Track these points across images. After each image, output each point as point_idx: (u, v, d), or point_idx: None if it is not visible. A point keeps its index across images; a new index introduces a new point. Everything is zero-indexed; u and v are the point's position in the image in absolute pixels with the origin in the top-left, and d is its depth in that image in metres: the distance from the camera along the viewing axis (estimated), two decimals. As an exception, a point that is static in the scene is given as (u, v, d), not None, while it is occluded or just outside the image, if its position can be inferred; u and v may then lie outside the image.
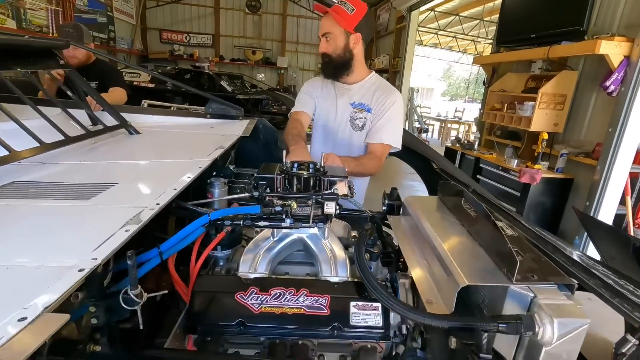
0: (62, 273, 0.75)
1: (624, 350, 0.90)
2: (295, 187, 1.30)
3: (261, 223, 1.21)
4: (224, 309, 1.13)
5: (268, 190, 1.27)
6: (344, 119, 2.16)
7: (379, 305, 1.15)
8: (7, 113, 1.52)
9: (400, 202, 1.75)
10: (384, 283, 1.34)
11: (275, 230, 1.31)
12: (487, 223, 1.10)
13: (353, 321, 1.12)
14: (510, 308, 0.96)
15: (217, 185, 1.72)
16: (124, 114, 2.34)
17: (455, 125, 13.43)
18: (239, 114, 2.74)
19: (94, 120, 2.24)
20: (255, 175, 1.28)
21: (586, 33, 3.88)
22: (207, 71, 8.97)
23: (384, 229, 1.66)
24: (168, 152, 1.91)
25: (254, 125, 2.68)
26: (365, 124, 2.12)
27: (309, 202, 1.27)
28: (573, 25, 3.97)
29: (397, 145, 2.15)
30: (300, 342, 1.16)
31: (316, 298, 1.15)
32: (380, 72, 11.98)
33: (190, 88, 2.70)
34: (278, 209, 1.19)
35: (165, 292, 0.94)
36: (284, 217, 1.23)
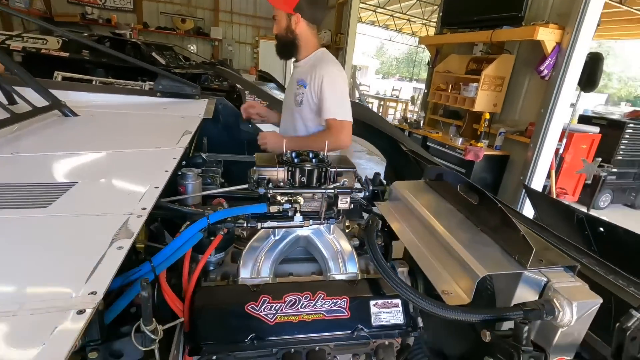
0: (54, 320, 0.55)
1: (629, 324, 0.97)
2: (298, 180, 1.17)
3: (268, 223, 1.07)
4: (233, 323, 0.99)
5: (270, 185, 1.12)
6: (291, 96, 2.22)
7: (398, 301, 1.11)
8: None
9: (384, 187, 1.71)
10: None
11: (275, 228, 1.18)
12: (494, 210, 1.10)
13: (375, 321, 1.07)
14: (522, 294, 0.97)
15: (190, 177, 1.50)
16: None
17: (393, 104, 13.94)
18: (195, 92, 2.44)
19: (11, 99, 1.80)
20: (255, 168, 1.12)
21: (523, 19, 4.17)
22: (134, 40, 7.90)
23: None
24: (124, 140, 1.61)
25: (214, 105, 2.41)
26: (303, 99, 2.13)
27: (315, 196, 1.15)
28: (512, 10, 4.23)
29: (341, 116, 2.08)
30: (316, 347, 1.08)
31: (335, 301, 1.06)
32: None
33: (139, 62, 2.31)
34: (287, 206, 1.06)
35: (182, 320, 0.78)
36: (291, 214, 1.10)
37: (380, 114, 13.81)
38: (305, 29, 2.05)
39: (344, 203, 1.11)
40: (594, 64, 4.02)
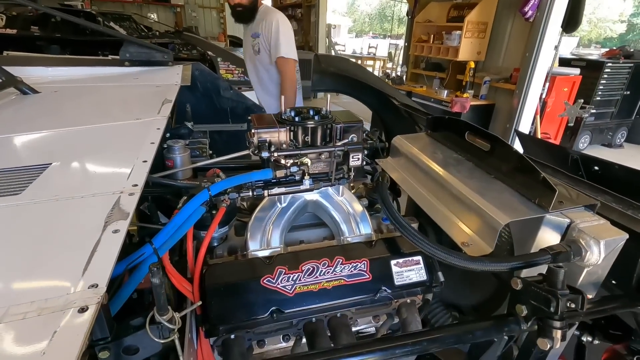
0: (52, 323, 0.45)
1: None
2: (302, 140, 1.06)
3: (276, 190, 0.97)
4: (251, 299, 0.92)
5: (273, 148, 1.01)
6: (249, 49, 2.77)
7: (419, 258, 1.05)
8: None
9: (384, 143, 1.63)
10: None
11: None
12: (509, 154, 1.04)
13: (398, 281, 1.01)
14: (545, 237, 0.93)
15: (178, 149, 1.37)
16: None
17: (371, 62, 13.57)
18: (167, 58, 2.22)
19: (-41, 80, 1.57)
20: (254, 130, 1.00)
21: (505, -43, 3.98)
22: (87, 10, 7.18)
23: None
24: (98, 114, 1.44)
25: (190, 71, 2.21)
26: (260, 48, 2.66)
27: (322, 156, 1.05)
28: (493, -52, 4.01)
29: (291, 55, 2.61)
30: (338, 314, 1.03)
31: (355, 264, 1.00)
32: (293, 7, 11.14)
33: (99, 27, 2.05)
34: (294, 169, 0.96)
35: (199, 303, 0.69)
36: (298, 178, 1.01)
37: (358, 73, 13.47)
38: None
39: (356, 160, 1.02)
40: (576, 1, 3.91)
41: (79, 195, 0.78)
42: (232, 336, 0.95)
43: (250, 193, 0.97)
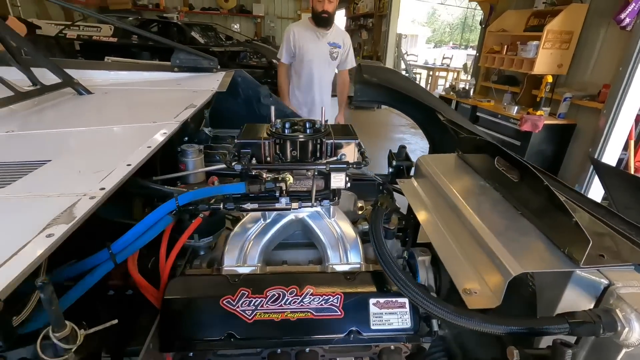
0: None
1: None
2: (289, 154, 0.99)
3: (248, 205, 0.91)
4: (206, 319, 0.87)
5: (254, 160, 0.96)
6: (325, 54, 3.25)
7: (405, 300, 0.91)
8: None
9: (410, 162, 1.48)
10: (400, 260, 1.10)
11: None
12: (539, 188, 0.85)
13: (374, 324, 0.88)
14: (573, 298, 0.73)
15: (191, 153, 1.39)
16: (72, 71, 1.91)
17: (444, 73, 12.91)
18: (212, 65, 2.32)
19: (33, 81, 1.80)
20: (236, 140, 0.96)
21: (600, -42, 3.45)
22: (176, 21, 8.04)
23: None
24: (124, 116, 1.54)
25: (231, 78, 2.28)
26: (337, 56, 3.28)
27: (309, 173, 0.97)
28: (586, -51, 3.51)
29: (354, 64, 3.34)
30: (307, 349, 0.92)
31: (325, 297, 0.89)
32: (365, 16, 11.13)
33: (155, 36, 2.24)
34: (269, 185, 0.89)
35: (115, 322, 0.66)
36: (277, 195, 0.93)
37: (428, 85, 12.93)
38: None
39: (338, 181, 0.92)
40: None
41: (47, 194, 0.80)
42: (190, 354, 0.90)
43: (221, 206, 0.92)
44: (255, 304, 0.87)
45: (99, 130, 1.28)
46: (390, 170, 1.47)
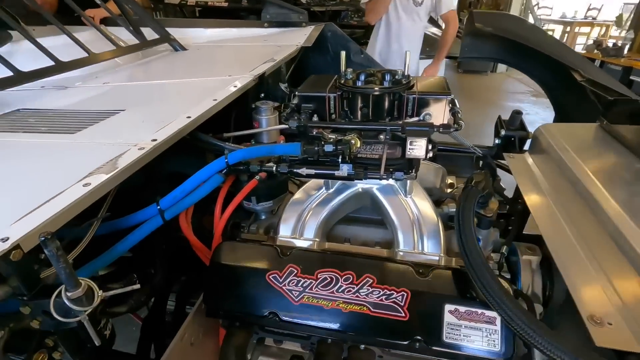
0: None
1: None
2: (360, 112, 0.80)
3: (303, 170, 0.77)
4: (250, 292, 0.78)
5: (316, 117, 0.80)
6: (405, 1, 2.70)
7: (496, 316, 0.67)
8: (60, 27, 1.32)
9: (525, 133, 1.14)
10: (496, 258, 0.85)
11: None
12: None
13: (448, 337, 0.68)
14: None
15: (264, 110, 1.30)
16: (175, 29, 1.99)
17: (586, 29, 10.42)
18: (302, 19, 2.18)
19: (138, 38, 1.92)
20: (297, 93, 0.81)
21: None
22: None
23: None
24: (206, 70, 1.53)
25: (320, 32, 2.10)
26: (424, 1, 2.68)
27: (381, 136, 0.77)
28: None
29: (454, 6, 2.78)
30: (362, 346, 0.78)
31: (387, 292, 0.72)
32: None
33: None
34: (328, 148, 0.73)
35: (137, 286, 0.60)
36: (339, 160, 0.77)
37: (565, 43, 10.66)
38: None
39: (415, 148, 0.70)
40: None
41: (105, 142, 0.79)
42: (237, 324, 0.84)
43: (274, 169, 0.80)
44: (304, 285, 0.75)
45: (178, 84, 1.27)
46: (497, 141, 1.16)
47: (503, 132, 1.14)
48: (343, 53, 0.83)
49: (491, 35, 2.07)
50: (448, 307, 0.69)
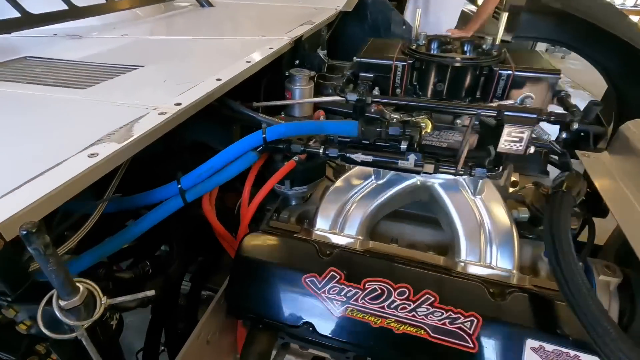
0: None
1: None
2: (432, 87, 0.64)
3: (358, 156, 0.62)
4: (282, 295, 0.65)
5: (377, 90, 0.64)
6: None
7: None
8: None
9: (603, 128, 0.96)
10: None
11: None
12: None
13: (528, 379, 0.54)
14: None
15: (299, 79, 1.14)
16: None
17: (635, 17, 9.65)
18: (341, -20, 1.95)
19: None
20: (356, 58, 0.64)
21: None
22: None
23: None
24: (235, 28, 1.36)
25: (361, -3, 1.89)
26: None
27: (458, 120, 0.61)
28: None
29: None
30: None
31: (453, 315, 0.58)
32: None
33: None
34: (394, 130, 0.57)
35: (152, 292, 0.48)
36: (402, 147, 0.61)
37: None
38: None
39: (514, 142, 0.54)
40: None
41: (118, 102, 0.65)
42: (261, 325, 0.73)
43: (321, 151, 0.65)
44: (348, 294, 0.62)
45: (204, 41, 1.11)
46: (565, 135, 0.97)
47: (575, 125, 0.96)
48: (419, 10, 0.65)
49: (558, 12, 1.82)
50: (530, 342, 0.55)
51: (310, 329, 0.64)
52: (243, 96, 0.96)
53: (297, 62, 1.27)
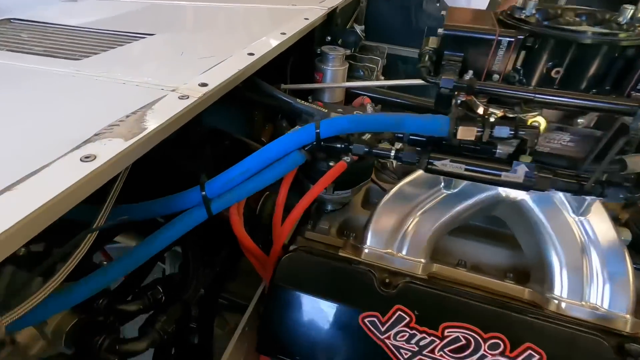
0: None
1: None
2: (539, 72, 0.48)
3: (445, 163, 0.46)
4: (331, 337, 0.51)
5: (471, 75, 0.47)
6: None
7: None
8: None
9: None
10: None
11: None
12: None
13: None
14: None
15: (333, 59, 0.97)
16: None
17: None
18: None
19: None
20: (442, 30, 0.48)
21: None
22: None
23: None
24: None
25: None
26: None
27: (581, 119, 0.45)
28: None
29: None
30: None
31: (566, 380, 0.44)
32: None
33: None
34: (503, 132, 0.42)
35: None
36: (500, 153, 0.46)
37: None
38: None
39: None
40: None
41: (124, 79, 0.48)
42: (297, 363, 0.59)
43: (392, 154, 0.49)
44: (421, 343, 0.48)
45: (227, 8, 0.93)
46: None
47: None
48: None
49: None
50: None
51: (368, 381, 0.50)
52: (264, 77, 0.79)
53: (328, 38, 1.10)
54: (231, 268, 0.90)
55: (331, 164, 0.61)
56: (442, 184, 0.60)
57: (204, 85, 0.47)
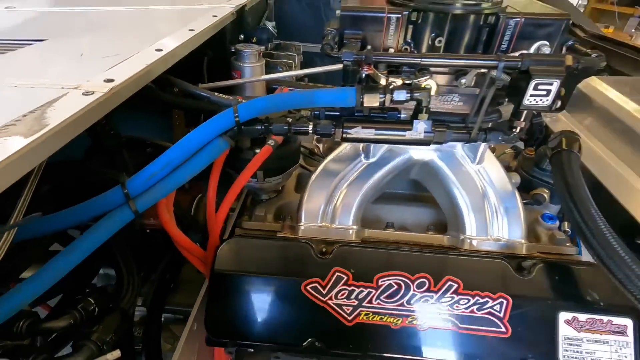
0: None
1: None
2: (428, 42, 0.55)
3: (357, 130, 0.51)
4: (277, 312, 0.53)
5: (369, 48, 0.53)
6: None
7: (628, 322, 0.50)
8: None
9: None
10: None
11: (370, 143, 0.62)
12: None
13: (566, 356, 0.50)
14: None
15: (249, 56, 0.99)
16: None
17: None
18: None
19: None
20: (340, 12, 0.53)
21: None
22: None
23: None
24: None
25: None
26: None
27: (462, 80, 0.53)
28: None
29: None
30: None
31: (480, 299, 0.51)
32: None
33: None
34: (401, 96, 0.47)
35: (118, 355, 0.32)
36: (404, 117, 0.52)
37: None
38: None
39: (540, 97, 0.47)
40: None
41: (15, 83, 0.45)
42: (251, 350, 0.60)
43: (310, 128, 0.52)
44: (359, 296, 0.52)
45: (126, 12, 0.89)
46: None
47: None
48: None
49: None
50: (563, 315, 0.51)
51: (319, 345, 0.53)
52: (180, 78, 0.78)
53: (241, 36, 1.11)
54: (172, 280, 0.87)
55: (257, 150, 0.63)
56: (362, 155, 0.66)
57: (110, 80, 0.46)
